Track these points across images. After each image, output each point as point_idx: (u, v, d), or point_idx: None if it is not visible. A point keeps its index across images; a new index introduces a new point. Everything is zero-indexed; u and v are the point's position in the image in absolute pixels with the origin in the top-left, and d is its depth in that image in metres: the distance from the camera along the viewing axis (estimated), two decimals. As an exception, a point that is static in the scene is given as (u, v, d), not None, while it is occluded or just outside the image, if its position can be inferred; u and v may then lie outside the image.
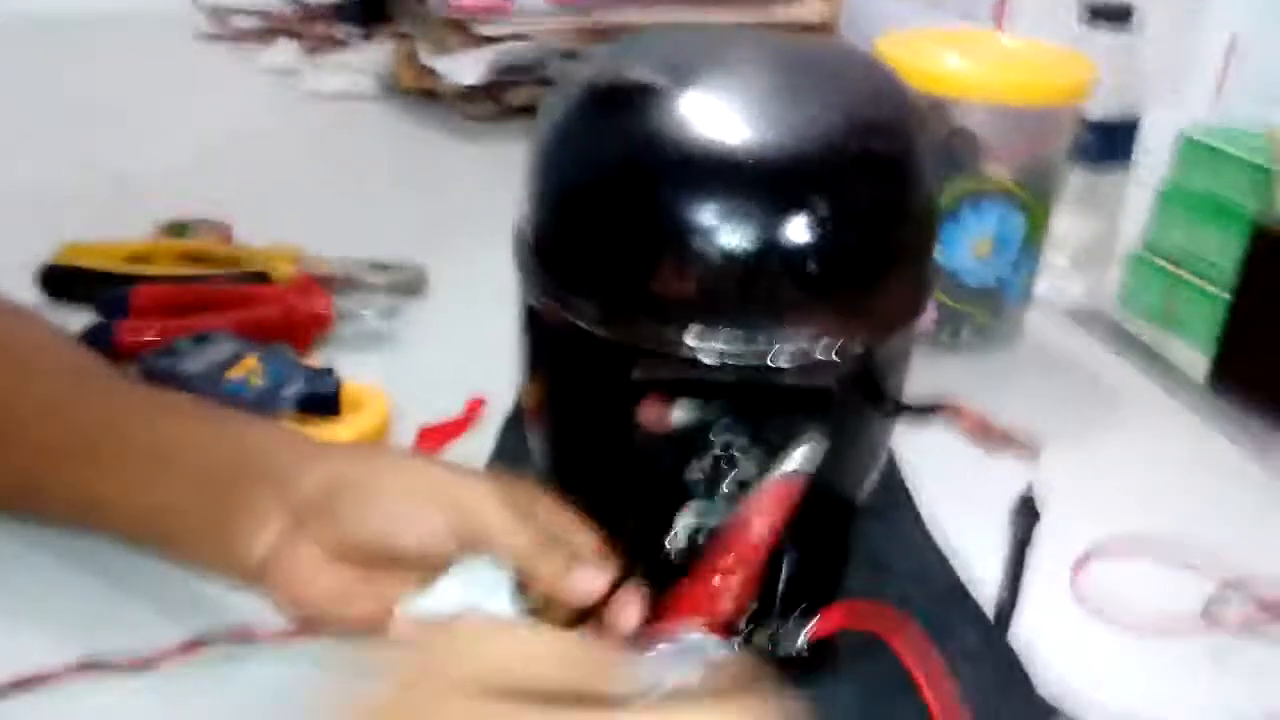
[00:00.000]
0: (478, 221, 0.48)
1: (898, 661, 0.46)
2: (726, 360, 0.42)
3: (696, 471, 0.44)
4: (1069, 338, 0.80)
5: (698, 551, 0.44)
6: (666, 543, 0.44)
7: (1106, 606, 0.55)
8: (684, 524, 0.44)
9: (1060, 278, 0.83)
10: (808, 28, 1.12)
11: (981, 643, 0.50)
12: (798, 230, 0.41)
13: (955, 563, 0.56)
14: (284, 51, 1.18)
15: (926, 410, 0.46)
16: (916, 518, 0.58)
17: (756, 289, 0.41)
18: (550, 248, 0.45)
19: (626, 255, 0.42)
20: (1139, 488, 0.65)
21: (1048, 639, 0.51)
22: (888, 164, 0.42)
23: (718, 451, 0.44)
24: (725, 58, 0.46)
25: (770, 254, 0.41)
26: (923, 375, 0.52)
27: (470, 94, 1.06)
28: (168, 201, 0.83)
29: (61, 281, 0.73)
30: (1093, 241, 0.83)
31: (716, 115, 0.41)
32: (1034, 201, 0.71)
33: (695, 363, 0.42)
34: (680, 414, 0.43)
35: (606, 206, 0.42)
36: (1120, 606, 0.55)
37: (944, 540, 0.57)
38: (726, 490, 0.44)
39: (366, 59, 1.17)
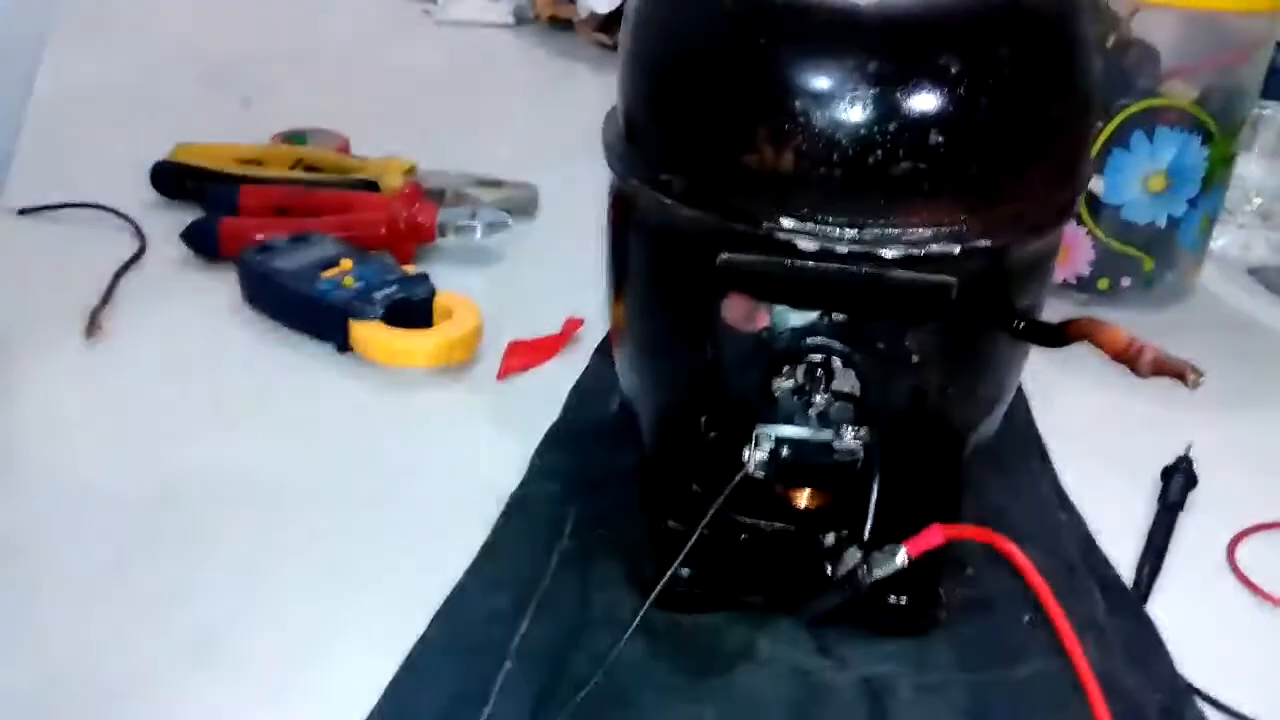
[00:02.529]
0: (599, 148, 0.43)
1: (1000, 629, 0.40)
2: (829, 249, 0.36)
3: (787, 381, 0.39)
4: (1250, 298, 0.71)
5: (780, 470, 0.38)
6: (744, 458, 0.38)
7: (1267, 584, 0.46)
8: (766, 439, 0.38)
9: (1244, 229, 0.73)
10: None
11: (1113, 612, 0.43)
12: (921, 94, 0.34)
13: (1088, 525, 0.48)
14: (425, -20, 1.17)
15: (1062, 331, 0.39)
16: (1045, 473, 0.51)
17: (867, 165, 0.35)
18: (639, 119, 0.40)
19: (719, 119, 0.37)
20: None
21: (1195, 614, 0.44)
22: (1038, 21, 0.36)
23: (813, 359, 0.38)
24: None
25: (885, 122, 0.35)
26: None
27: (604, 22, 1.02)
28: (292, 114, 0.83)
29: (171, 179, 0.72)
30: (1287, 190, 0.73)
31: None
32: (1219, 131, 0.62)
33: (791, 250, 0.36)
34: (770, 312, 0.38)
35: (698, 63, 0.37)
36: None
37: (1077, 500, 0.50)
38: (819, 405, 0.38)
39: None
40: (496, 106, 0.95)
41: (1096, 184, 0.63)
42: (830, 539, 0.39)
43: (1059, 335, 0.39)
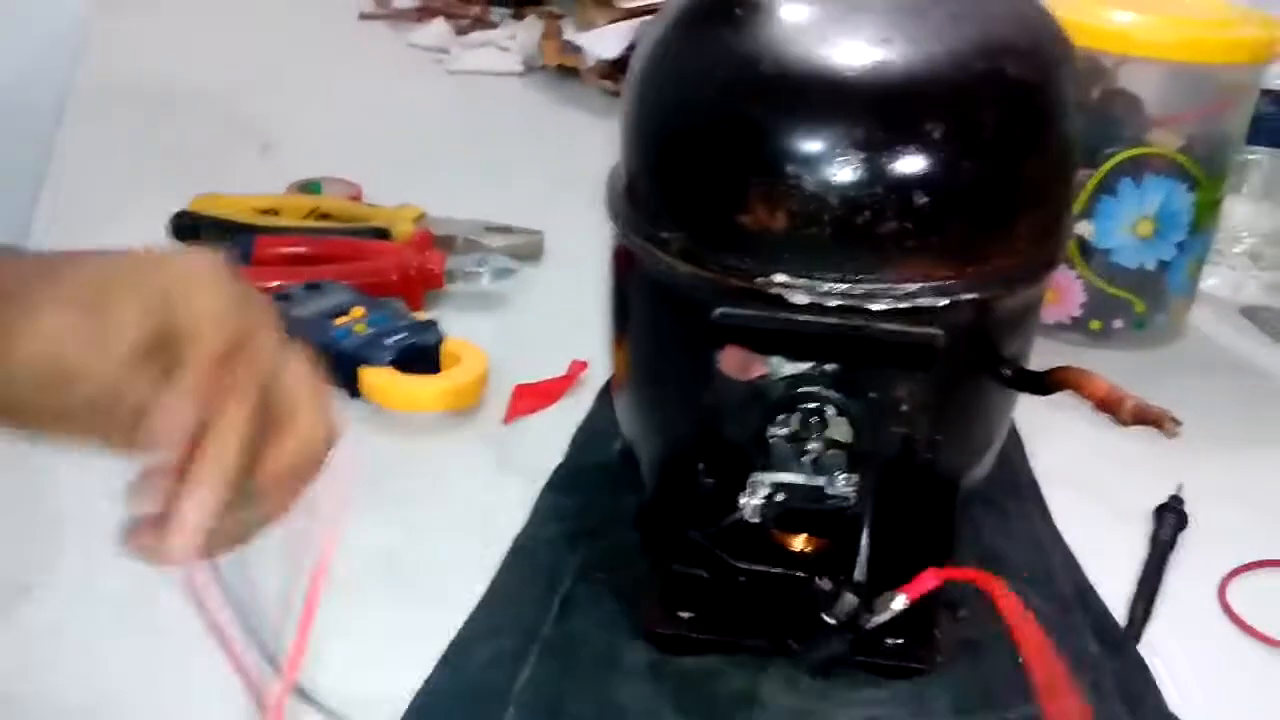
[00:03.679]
0: (603, 194, 0.45)
1: (994, 671, 0.42)
2: (820, 303, 0.38)
3: (782, 429, 0.40)
4: (1240, 338, 0.72)
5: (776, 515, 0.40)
6: (740, 503, 0.40)
7: (1259, 623, 0.48)
8: (762, 485, 0.40)
9: (1235, 270, 0.74)
10: None
11: (1106, 652, 0.44)
12: (907, 158, 0.36)
13: (1081, 565, 0.49)
14: (435, 30, 1.20)
15: (1047, 379, 0.40)
16: (1040, 514, 0.52)
17: (855, 224, 0.37)
18: (640, 180, 0.42)
19: (715, 182, 0.38)
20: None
21: (1186, 654, 0.45)
22: (1019, 88, 0.37)
23: (806, 407, 0.40)
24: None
25: (873, 185, 0.36)
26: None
27: (609, 70, 1.04)
28: (307, 163, 0.85)
29: (191, 229, 0.75)
30: (1273, 233, 0.74)
31: (820, 27, 0.37)
32: (1204, 178, 0.64)
33: (785, 305, 0.38)
34: (765, 363, 0.40)
35: (695, 129, 0.39)
36: (1275, 624, 0.47)
37: (1070, 540, 0.51)
38: (813, 452, 0.40)
39: (513, 38, 1.17)
40: (504, 153, 0.97)
41: (1087, 228, 0.65)
42: (828, 584, 0.40)
43: (1044, 384, 0.40)
